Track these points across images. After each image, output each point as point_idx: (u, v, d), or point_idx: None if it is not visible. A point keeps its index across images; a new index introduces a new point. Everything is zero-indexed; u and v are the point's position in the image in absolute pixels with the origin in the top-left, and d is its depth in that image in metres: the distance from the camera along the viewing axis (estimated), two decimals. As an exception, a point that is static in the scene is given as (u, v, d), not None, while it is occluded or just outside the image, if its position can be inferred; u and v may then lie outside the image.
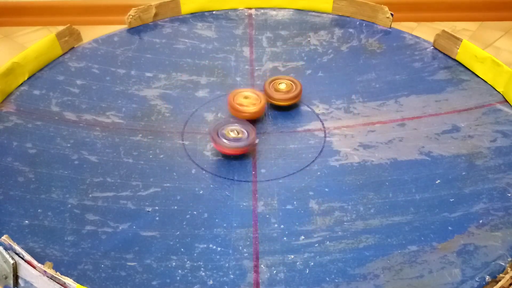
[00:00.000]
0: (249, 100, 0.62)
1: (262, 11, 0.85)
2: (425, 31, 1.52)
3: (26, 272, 0.42)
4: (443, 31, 0.74)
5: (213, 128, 0.58)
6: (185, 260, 0.47)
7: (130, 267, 0.46)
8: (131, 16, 0.80)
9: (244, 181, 0.56)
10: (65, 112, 0.64)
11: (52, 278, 0.41)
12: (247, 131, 0.58)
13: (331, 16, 0.84)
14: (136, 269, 0.46)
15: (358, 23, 0.82)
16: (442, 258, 0.47)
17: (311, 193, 0.54)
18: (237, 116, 0.61)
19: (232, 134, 0.58)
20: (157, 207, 0.53)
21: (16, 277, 0.42)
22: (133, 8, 0.80)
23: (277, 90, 0.65)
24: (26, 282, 0.42)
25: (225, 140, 0.57)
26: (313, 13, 0.85)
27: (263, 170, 0.57)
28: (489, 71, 0.68)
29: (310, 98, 0.68)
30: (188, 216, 0.52)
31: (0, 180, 0.54)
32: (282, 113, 0.66)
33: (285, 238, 0.49)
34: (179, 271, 0.46)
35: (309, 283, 0.45)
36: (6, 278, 0.42)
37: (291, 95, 0.65)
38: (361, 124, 0.64)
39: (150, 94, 0.68)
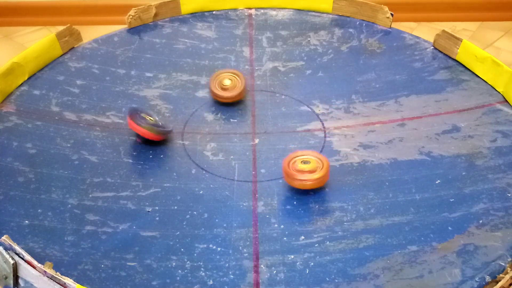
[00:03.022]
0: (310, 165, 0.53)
1: (262, 11, 0.85)
2: (425, 31, 1.52)
3: (26, 272, 0.41)
4: (443, 31, 0.74)
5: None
6: (185, 260, 0.47)
7: (130, 267, 0.46)
8: (131, 16, 0.80)
9: (244, 181, 0.56)
10: (65, 112, 0.64)
11: (52, 278, 0.41)
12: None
13: (331, 16, 0.84)
14: (136, 269, 0.46)
15: (358, 23, 0.82)
16: (442, 258, 0.46)
17: (311, 193, 0.54)
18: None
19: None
20: (157, 207, 0.53)
21: (16, 277, 0.42)
22: (133, 8, 0.80)
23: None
24: (26, 282, 0.42)
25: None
26: (313, 13, 0.85)
27: (263, 170, 0.57)
28: (489, 71, 0.68)
29: (310, 98, 0.68)
30: (188, 216, 0.52)
31: (0, 180, 0.54)
32: (282, 113, 0.66)
33: (285, 238, 0.49)
34: (179, 271, 0.46)
35: (309, 283, 0.45)
36: (6, 278, 0.42)
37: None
38: (361, 124, 0.64)
39: (150, 94, 0.68)
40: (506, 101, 0.65)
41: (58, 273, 0.41)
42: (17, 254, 0.42)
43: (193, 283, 0.45)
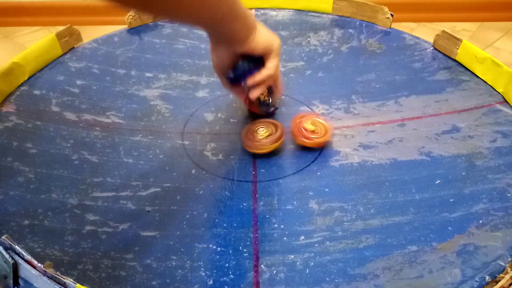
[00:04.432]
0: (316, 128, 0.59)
1: (262, 11, 0.85)
2: (425, 32, 1.52)
3: (26, 272, 0.41)
4: (443, 31, 0.74)
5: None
6: (185, 260, 0.47)
7: (130, 267, 0.46)
8: (131, 16, 0.80)
9: (244, 181, 0.56)
10: (65, 112, 0.64)
11: (52, 278, 0.41)
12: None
13: (331, 16, 0.84)
14: (136, 269, 0.46)
15: (358, 23, 0.82)
16: (442, 258, 0.47)
17: (311, 193, 0.54)
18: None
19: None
20: (157, 207, 0.53)
21: (16, 277, 0.42)
22: (133, 8, 0.80)
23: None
24: (26, 282, 0.42)
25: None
26: (313, 14, 0.85)
27: (263, 170, 0.57)
28: (489, 72, 0.68)
29: (310, 98, 0.68)
30: (188, 216, 0.52)
31: (0, 180, 0.54)
32: (282, 114, 0.66)
33: (285, 238, 0.49)
34: (179, 271, 0.46)
35: (309, 283, 0.45)
36: (6, 278, 0.42)
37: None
38: (361, 124, 0.64)
39: (150, 94, 0.68)
40: (506, 101, 0.65)
41: (58, 273, 0.41)
42: (17, 254, 0.42)
43: (193, 283, 0.45)
